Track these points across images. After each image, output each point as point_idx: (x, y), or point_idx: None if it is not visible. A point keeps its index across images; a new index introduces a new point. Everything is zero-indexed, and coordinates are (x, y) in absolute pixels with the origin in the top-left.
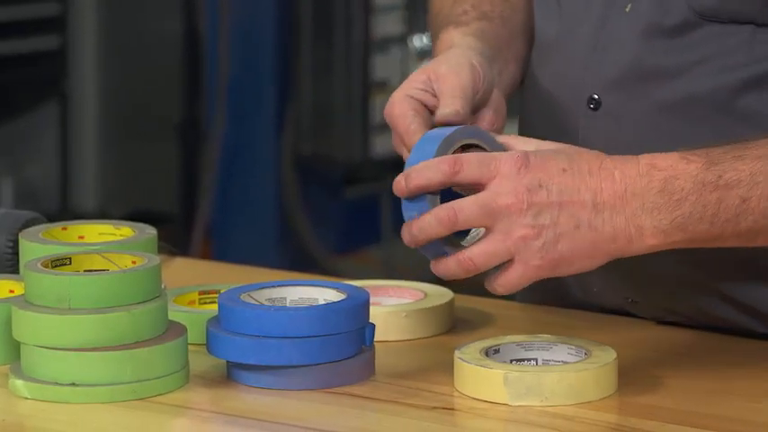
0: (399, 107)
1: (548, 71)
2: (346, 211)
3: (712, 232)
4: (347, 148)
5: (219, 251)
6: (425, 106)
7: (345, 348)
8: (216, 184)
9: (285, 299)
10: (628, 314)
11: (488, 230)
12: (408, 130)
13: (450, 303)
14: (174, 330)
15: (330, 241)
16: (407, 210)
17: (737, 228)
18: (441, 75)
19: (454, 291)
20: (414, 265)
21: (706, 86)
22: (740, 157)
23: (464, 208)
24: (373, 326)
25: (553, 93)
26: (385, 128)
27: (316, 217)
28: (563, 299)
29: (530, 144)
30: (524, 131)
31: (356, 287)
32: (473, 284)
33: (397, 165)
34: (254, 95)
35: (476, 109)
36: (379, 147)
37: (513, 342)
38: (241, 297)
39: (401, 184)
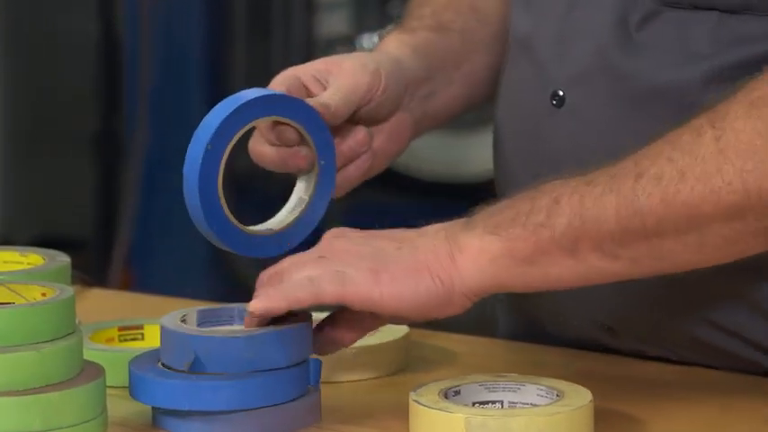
0: (277, 82)
1: (516, 70)
2: None
3: (524, 234)
4: None
5: (141, 281)
6: (308, 93)
7: (289, 389)
8: (137, 205)
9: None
10: (606, 349)
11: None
12: None
13: (405, 338)
14: (89, 372)
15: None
16: None
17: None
18: (339, 69)
19: (409, 325)
20: None
21: (671, 79)
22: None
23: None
24: (319, 362)
25: (519, 91)
26: None
27: None
28: (534, 334)
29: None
30: (495, 135)
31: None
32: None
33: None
34: (181, 104)
35: (360, 119)
36: None
37: (476, 382)
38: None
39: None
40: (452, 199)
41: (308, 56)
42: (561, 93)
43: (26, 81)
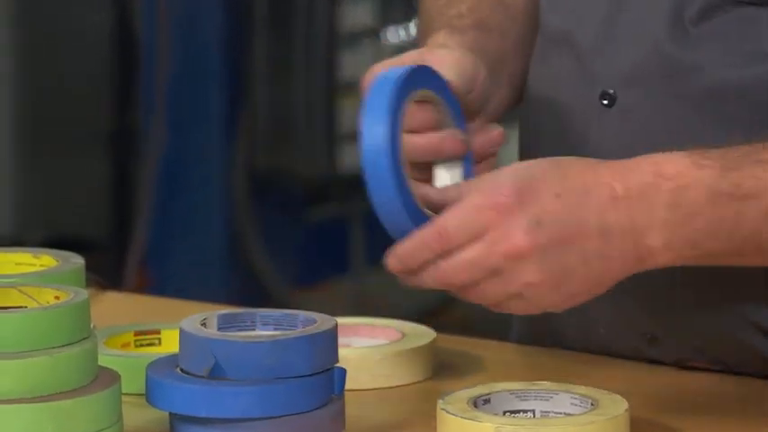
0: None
1: (553, 67)
2: (309, 236)
3: (730, 248)
4: (310, 162)
5: (158, 284)
6: None
7: (312, 397)
8: (154, 205)
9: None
10: (642, 359)
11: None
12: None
13: (432, 344)
14: (104, 378)
15: (289, 272)
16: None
17: (759, 243)
18: (436, 55)
19: (437, 330)
20: (389, 300)
21: (732, 79)
22: (759, 162)
23: (457, 266)
24: (344, 370)
25: (560, 90)
26: (354, 138)
27: (272, 243)
28: (550, 341)
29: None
30: (526, 137)
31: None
32: (459, 323)
33: None
34: (200, 100)
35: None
36: (348, 160)
37: (507, 390)
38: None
39: (398, 266)
40: None
41: (330, 49)
42: (612, 92)
43: (38, 77)
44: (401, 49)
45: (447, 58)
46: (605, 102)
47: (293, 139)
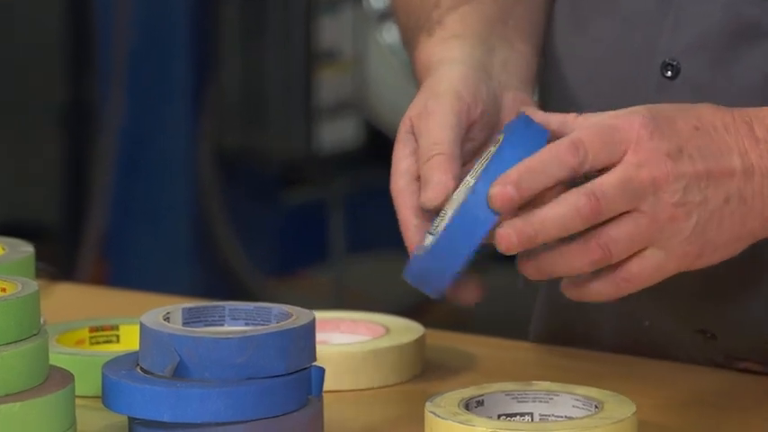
0: (400, 195)
1: (594, 36)
2: (284, 222)
3: None
4: (286, 140)
5: (117, 274)
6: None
7: (287, 399)
8: (112, 187)
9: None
10: (688, 360)
11: (628, 211)
12: (409, 227)
13: (421, 341)
14: (56, 379)
15: (262, 261)
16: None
17: None
18: (422, 126)
19: (425, 325)
20: (372, 292)
21: None
22: None
23: (606, 192)
24: (322, 369)
25: (606, 61)
26: (335, 113)
27: (244, 229)
28: (573, 339)
29: (596, 117)
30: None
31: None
32: (449, 317)
33: (349, 160)
34: (163, 72)
35: (482, 134)
36: (328, 137)
37: (502, 391)
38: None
39: (510, 193)
40: None
41: (308, 15)
42: (676, 62)
43: None
44: (384, 15)
45: (430, 130)
46: (669, 73)
47: (266, 114)
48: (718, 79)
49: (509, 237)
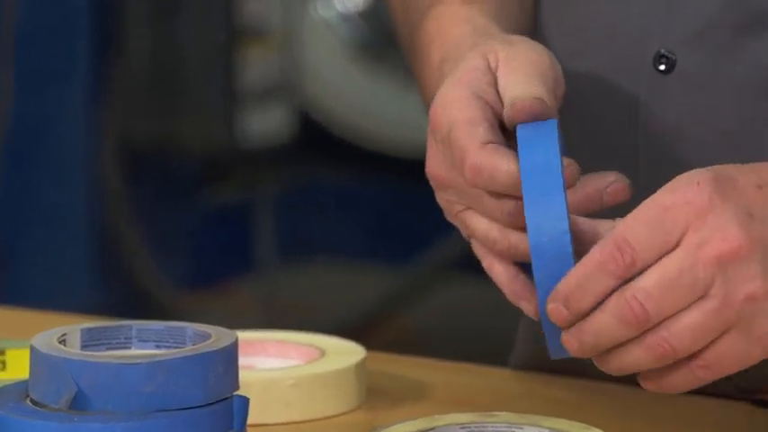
0: (464, 112)
1: (581, 21)
2: (203, 226)
3: None
4: (205, 131)
5: (6, 290)
6: (492, 110)
7: None
8: None
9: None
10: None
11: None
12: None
13: (361, 365)
14: None
15: (178, 272)
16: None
17: None
18: (508, 56)
19: (368, 346)
20: (306, 308)
21: None
22: None
23: (655, 295)
24: (246, 399)
25: (592, 53)
26: (262, 99)
27: (155, 235)
28: (557, 368)
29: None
30: None
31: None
32: (394, 338)
33: (280, 154)
34: (58, 50)
35: None
36: (254, 128)
37: (456, 423)
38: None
39: (563, 314)
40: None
41: None
42: (670, 54)
43: None
44: None
45: (520, 60)
46: (662, 67)
47: (181, 100)
48: (720, 75)
49: (572, 344)
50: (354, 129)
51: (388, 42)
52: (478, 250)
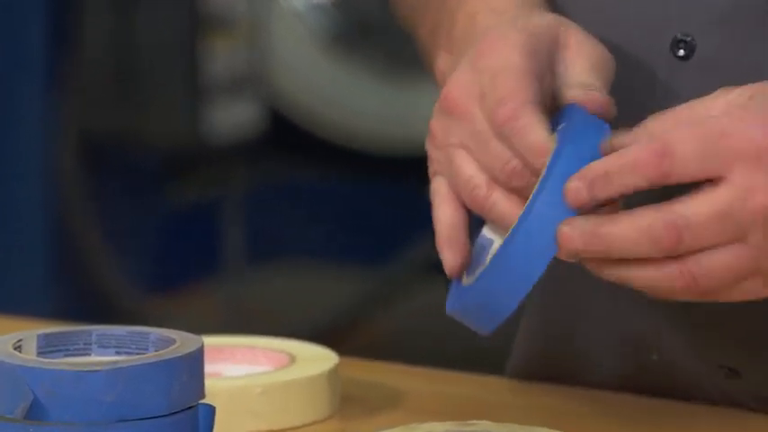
0: (526, 62)
1: (603, 3)
2: (166, 226)
3: None
4: (168, 125)
5: None
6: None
7: None
8: None
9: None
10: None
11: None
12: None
13: (334, 372)
14: None
15: (140, 274)
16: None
17: None
18: (581, 40)
19: (340, 352)
20: (276, 312)
21: None
22: None
23: (695, 226)
24: (212, 408)
25: (613, 35)
26: (228, 92)
27: (117, 236)
28: (556, 375)
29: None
30: None
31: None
32: (368, 342)
33: (247, 150)
34: (11, 39)
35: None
36: (220, 122)
37: None
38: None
39: (581, 193)
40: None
41: None
42: (690, 38)
43: None
44: None
45: (573, 46)
46: (681, 52)
47: (143, 92)
48: (742, 62)
49: (571, 241)
50: (326, 123)
51: (361, 32)
52: (438, 187)
